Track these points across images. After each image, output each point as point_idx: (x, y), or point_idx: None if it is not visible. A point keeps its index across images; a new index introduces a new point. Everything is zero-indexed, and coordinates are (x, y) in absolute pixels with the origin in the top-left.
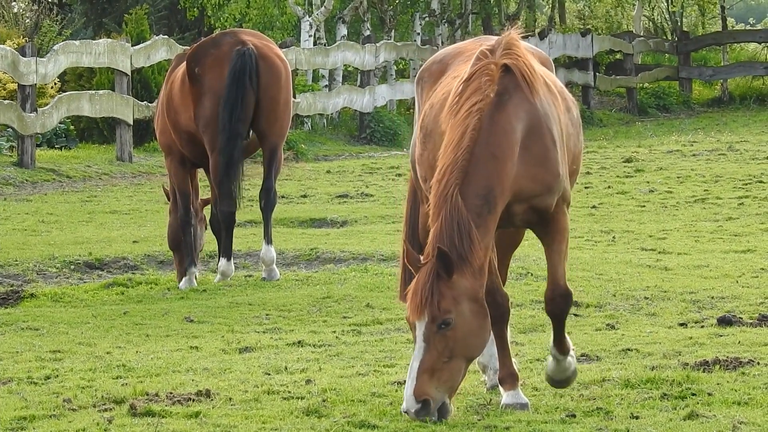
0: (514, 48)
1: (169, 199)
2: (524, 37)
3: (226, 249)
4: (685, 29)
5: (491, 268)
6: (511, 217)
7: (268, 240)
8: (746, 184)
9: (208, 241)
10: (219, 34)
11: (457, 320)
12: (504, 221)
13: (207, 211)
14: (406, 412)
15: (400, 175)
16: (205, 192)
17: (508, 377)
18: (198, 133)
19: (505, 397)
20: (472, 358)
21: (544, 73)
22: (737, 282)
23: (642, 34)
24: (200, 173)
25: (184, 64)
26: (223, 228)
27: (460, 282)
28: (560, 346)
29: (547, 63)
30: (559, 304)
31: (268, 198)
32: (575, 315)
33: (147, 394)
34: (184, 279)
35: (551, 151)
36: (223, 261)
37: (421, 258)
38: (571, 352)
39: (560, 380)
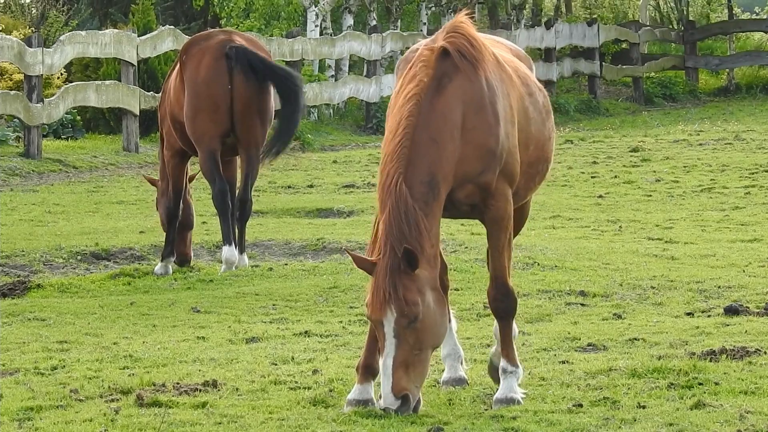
0: (458, 29)
1: (156, 186)
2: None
3: (226, 235)
4: (691, 18)
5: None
6: (456, 202)
7: (241, 249)
8: (753, 174)
9: (215, 231)
10: (215, 30)
11: (425, 311)
12: (449, 208)
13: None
14: (385, 410)
15: None
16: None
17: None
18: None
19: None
20: (436, 346)
21: (501, 56)
22: (744, 271)
23: (648, 23)
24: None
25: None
26: (219, 213)
27: (421, 273)
28: (508, 354)
29: (525, 60)
30: (500, 302)
31: (243, 210)
32: (582, 305)
33: (154, 385)
34: (160, 264)
35: (493, 127)
36: (225, 248)
37: (371, 256)
38: (520, 369)
39: (507, 399)
